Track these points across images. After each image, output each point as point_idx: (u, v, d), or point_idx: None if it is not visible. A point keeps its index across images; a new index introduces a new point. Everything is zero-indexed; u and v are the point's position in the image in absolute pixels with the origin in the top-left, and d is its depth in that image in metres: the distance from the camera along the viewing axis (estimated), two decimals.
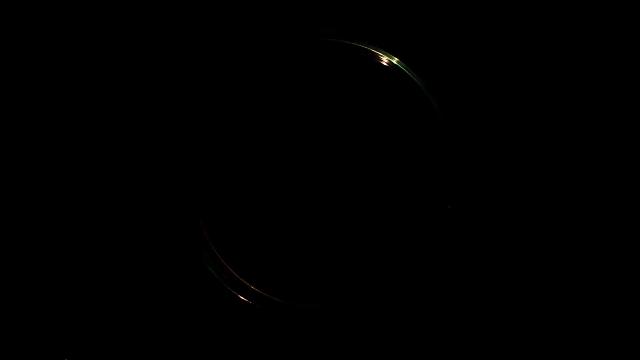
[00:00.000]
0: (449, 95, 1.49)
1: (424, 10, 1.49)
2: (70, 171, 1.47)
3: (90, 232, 1.47)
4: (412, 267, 1.50)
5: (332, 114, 1.51)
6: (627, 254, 1.49)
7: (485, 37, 1.49)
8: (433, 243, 1.49)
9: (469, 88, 1.49)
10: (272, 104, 1.51)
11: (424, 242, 1.49)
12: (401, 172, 1.50)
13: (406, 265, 1.50)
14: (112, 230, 1.47)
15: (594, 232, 1.49)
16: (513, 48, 1.49)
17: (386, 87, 1.51)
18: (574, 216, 1.49)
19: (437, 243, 1.49)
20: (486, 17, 1.49)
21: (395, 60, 1.43)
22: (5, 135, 1.47)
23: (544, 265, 1.49)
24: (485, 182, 1.49)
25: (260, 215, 1.49)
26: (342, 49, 1.50)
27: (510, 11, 1.49)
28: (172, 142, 1.49)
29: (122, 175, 1.47)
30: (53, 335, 1.46)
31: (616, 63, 1.50)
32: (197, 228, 1.48)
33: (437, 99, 1.49)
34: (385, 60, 1.43)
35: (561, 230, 1.49)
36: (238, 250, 1.49)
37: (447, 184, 1.50)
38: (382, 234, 1.50)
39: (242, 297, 1.48)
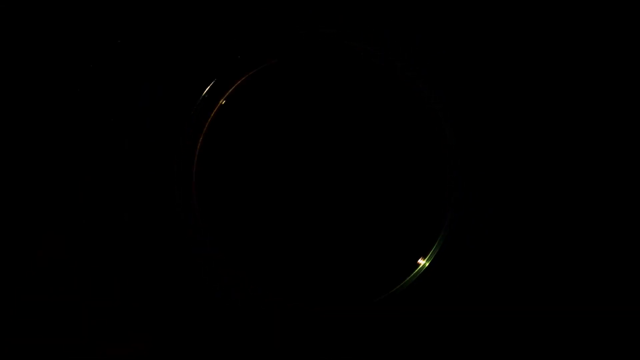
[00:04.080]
0: (449, 95, 1.49)
1: (424, 10, 1.49)
2: (71, 171, 1.47)
3: (90, 232, 1.47)
4: (412, 267, 1.50)
5: (331, 113, 1.50)
6: (627, 253, 1.49)
7: (485, 37, 1.49)
8: (433, 243, 1.49)
9: (469, 88, 1.49)
10: (271, 103, 1.51)
11: (423, 242, 1.49)
12: (401, 172, 1.50)
13: (406, 265, 1.50)
14: (112, 230, 1.47)
15: (593, 231, 1.49)
16: (513, 48, 1.49)
17: (385, 87, 1.51)
18: (573, 216, 1.49)
19: (437, 242, 1.49)
20: (486, 17, 1.49)
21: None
22: (6, 136, 1.47)
23: (544, 265, 1.49)
24: (485, 182, 1.49)
25: (259, 214, 1.49)
26: (342, 49, 1.50)
27: (510, 11, 1.49)
28: (172, 142, 1.49)
29: (122, 175, 1.47)
30: (53, 335, 1.46)
31: (616, 63, 1.50)
32: (196, 227, 1.48)
33: (438, 99, 1.49)
34: None
35: (561, 230, 1.49)
36: (238, 249, 1.49)
37: (447, 184, 1.50)
38: (382, 234, 1.50)
39: (241, 297, 1.48)
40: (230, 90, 1.50)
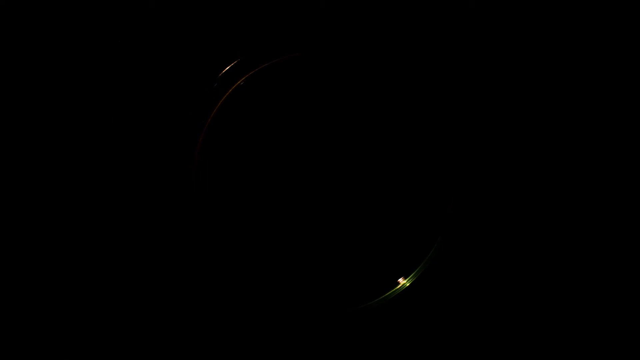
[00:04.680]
0: (449, 95, 1.49)
1: (424, 10, 1.49)
2: (71, 171, 1.47)
3: (91, 232, 1.47)
4: (411, 267, 1.50)
5: (330, 115, 1.51)
6: (628, 254, 1.49)
7: (485, 37, 1.49)
8: (432, 243, 1.49)
9: (468, 88, 1.49)
10: (270, 103, 1.51)
11: (423, 242, 1.49)
12: (400, 171, 1.50)
13: (406, 265, 1.50)
14: (112, 230, 1.47)
15: (594, 232, 1.49)
16: (512, 48, 1.49)
17: (385, 87, 1.51)
18: (573, 216, 1.49)
19: (437, 243, 1.49)
20: (486, 17, 1.49)
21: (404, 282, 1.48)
22: (5, 135, 1.48)
23: (544, 266, 1.49)
24: (485, 182, 1.49)
25: (259, 215, 1.49)
26: (342, 49, 1.50)
27: (510, 11, 1.49)
28: (172, 142, 1.49)
29: (122, 175, 1.47)
30: (52, 335, 1.46)
31: (616, 63, 1.50)
32: (196, 227, 1.49)
33: (439, 99, 1.49)
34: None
35: (561, 231, 1.49)
36: (237, 249, 1.49)
37: (448, 184, 1.50)
38: (382, 235, 1.50)
39: (241, 297, 1.48)
40: (229, 91, 1.50)
